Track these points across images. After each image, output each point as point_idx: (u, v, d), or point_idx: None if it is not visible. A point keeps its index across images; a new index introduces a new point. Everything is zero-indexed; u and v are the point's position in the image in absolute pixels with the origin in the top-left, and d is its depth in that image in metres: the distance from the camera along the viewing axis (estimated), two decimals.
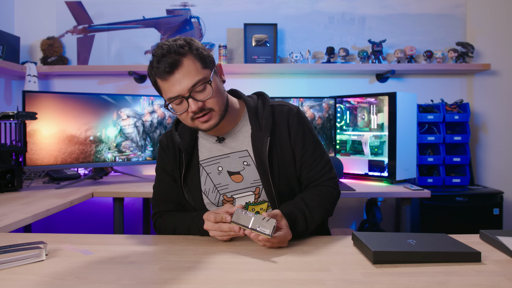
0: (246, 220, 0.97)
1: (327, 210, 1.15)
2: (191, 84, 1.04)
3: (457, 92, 2.73)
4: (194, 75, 1.04)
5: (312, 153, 1.19)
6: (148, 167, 2.69)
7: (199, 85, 1.05)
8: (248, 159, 1.18)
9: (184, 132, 1.22)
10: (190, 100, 1.05)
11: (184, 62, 1.04)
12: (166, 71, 1.03)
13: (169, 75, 1.03)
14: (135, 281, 0.78)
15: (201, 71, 1.06)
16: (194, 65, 1.05)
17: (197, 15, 2.72)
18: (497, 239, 0.97)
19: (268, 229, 0.94)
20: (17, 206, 1.52)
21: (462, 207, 2.33)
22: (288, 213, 1.05)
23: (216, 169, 1.19)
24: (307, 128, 1.21)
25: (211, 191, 1.19)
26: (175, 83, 1.04)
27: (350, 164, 2.42)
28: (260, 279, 0.80)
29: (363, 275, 0.81)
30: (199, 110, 1.06)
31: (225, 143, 1.20)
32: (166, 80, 1.05)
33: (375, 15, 2.73)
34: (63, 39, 2.74)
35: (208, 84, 1.07)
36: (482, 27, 2.72)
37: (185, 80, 1.04)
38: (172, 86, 1.05)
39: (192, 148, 1.21)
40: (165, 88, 1.06)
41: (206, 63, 1.08)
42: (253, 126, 1.18)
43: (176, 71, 1.03)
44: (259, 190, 1.18)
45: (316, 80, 2.75)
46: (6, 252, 0.87)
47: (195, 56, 1.05)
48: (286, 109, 1.21)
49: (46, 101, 1.99)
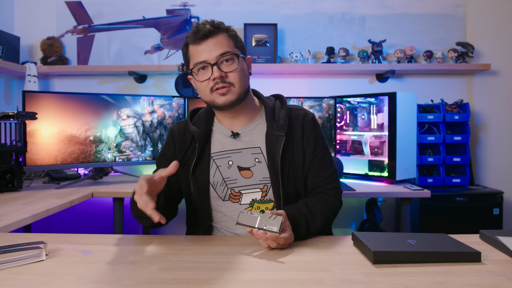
0: (252, 220, 0.97)
1: (328, 218, 1.16)
2: (219, 53, 1.11)
3: (457, 92, 2.73)
4: (224, 47, 1.12)
5: (320, 160, 1.22)
6: (148, 167, 2.69)
7: (227, 55, 1.11)
8: (260, 156, 1.20)
9: (199, 122, 1.24)
10: (214, 67, 1.10)
11: (219, 35, 1.12)
12: (200, 36, 1.10)
13: (202, 41, 1.11)
14: (135, 281, 0.78)
15: (232, 48, 1.14)
16: (227, 41, 1.13)
17: (197, 15, 2.72)
18: (497, 239, 0.97)
19: (276, 226, 0.94)
20: (17, 206, 1.52)
21: (462, 207, 2.33)
22: (291, 216, 1.06)
23: (227, 163, 1.20)
24: (319, 135, 1.25)
25: (219, 184, 1.20)
26: (205, 49, 1.11)
27: (350, 164, 2.42)
28: (260, 279, 0.80)
29: (363, 275, 0.81)
30: (221, 79, 1.11)
31: (239, 139, 1.22)
32: (198, 45, 1.12)
33: (375, 15, 2.73)
34: (63, 39, 2.74)
35: (236, 57, 1.13)
36: (482, 27, 2.72)
37: (215, 48, 1.11)
38: (201, 52, 1.11)
39: (205, 139, 1.22)
40: (194, 53, 1.13)
41: (238, 45, 1.16)
42: (269, 124, 1.20)
43: (209, 39, 1.11)
44: (267, 188, 1.19)
45: (316, 80, 2.75)
46: (6, 252, 0.87)
47: (230, 35, 1.15)
48: (302, 113, 1.25)
49: (46, 101, 1.99)
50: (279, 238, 0.95)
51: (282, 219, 0.95)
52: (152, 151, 2.29)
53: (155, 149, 2.30)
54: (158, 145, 2.30)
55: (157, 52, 2.74)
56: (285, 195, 1.17)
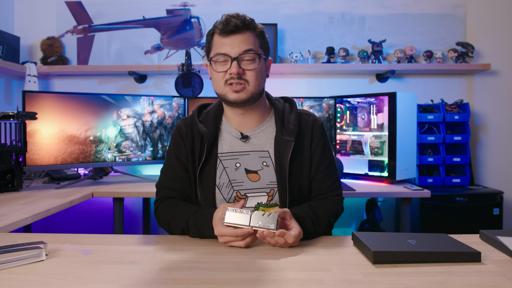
0: (244, 219, 0.94)
1: (330, 222, 1.17)
2: (243, 49, 1.11)
3: (457, 92, 2.73)
4: (249, 44, 1.12)
5: (326, 167, 1.22)
6: (148, 167, 2.69)
7: (250, 53, 1.11)
8: (268, 160, 1.19)
9: (207, 121, 1.21)
10: (234, 62, 1.10)
11: (247, 33, 1.12)
12: (228, 30, 1.11)
13: (230, 34, 1.11)
14: (135, 281, 0.78)
15: (257, 47, 1.14)
16: (253, 39, 1.13)
17: (197, 15, 2.72)
18: (497, 239, 0.97)
19: (273, 223, 0.92)
20: (17, 206, 1.52)
21: (462, 207, 2.32)
22: (297, 214, 1.06)
23: (234, 164, 1.19)
24: (327, 142, 1.25)
25: (225, 186, 1.19)
26: (230, 42, 1.11)
27: (350, 164, 2.42)
28: (260, 279, 0.80)
29: (363, 275, 0.81)
30: (237, 76, 1.11)
31: (247, 141, 1.21)
32: (224, 37, 1.12)
33: (375, 15, 2.73)
34: (63, 39, 2.74)
35: (258, 57, 1.13)
36: (482, 27, 2.72)
37: (240, 44, 1.11)
38: (225, 44, 1.11)
39: (213, 139, 1.20)
40: (218, 44, 1.13)
41: (263, 45, 1.17)
42: (278, 128, 1.20)
43: (237, 34, 1.11)
44: (273, 192, 1.18)
45: (316, 80, 2.75)
46: (6, 252, 0.87)
47: (257, 34, 1.15)
48: (312, 119, 1.25)
49: (46, 101, 1.99)
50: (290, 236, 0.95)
51: (278, 215, 0.94)
52: (152, 151, 2.29)
53: (155, 149, 2.30)
54: (158, 145, 2.30)
55: (157, 52, 2.74)
56: (291, 200, 1.17)
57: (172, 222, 1.13)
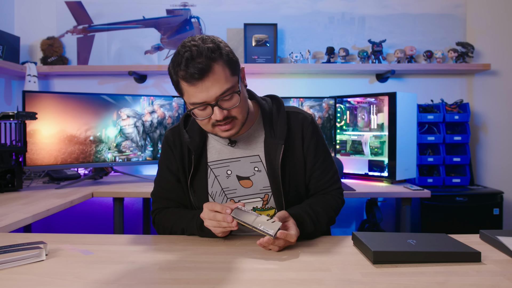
0: (248, 218, 0.96)
1: (330, 217, 1.15)
2: (219, 93, 0.99)
3: (457, 92, 2.73)
4: (223, 83, 0.99)
5: (322, 163, 1.20)
6: (148, 167, 2.69)
7: (227, 94, 1.01)
8: (260, 165, 1.17)
9: (193, 130, 1.17)
10: (215, 108, 1.01)
11: (215, 68, 0.98)
12: (195, 77, 0.96)
13: (198, 81, 0.97)
14: (135, 281, 0.78)
15: (230, 79, 1.01)
16: (224, 73, 0.99)
17: (197, 15, 2.72)
18: (497, 239, 0.97)
19: (273, 230, 0.92)
20: (17, 206, 1.52)
21: (462, 207, 2.32)
22: (295, 214, 1.06)
23: (225, 172, 1.17)
24: (320, 137, 1.21)
25: (218, 195, 1.17)
26: (202, 89, 0.98)
27: (350, 164, 2.42)
28: (260, 279, 0.80)
29: (363, 275, 0.81)
30: (223, 118, 1.03)
31: (237, 147, 1.18)
32: (194, 86, 0.98)
33: (375, 15, 2.73)
34: (63, 39, 2.74)
35: (237, 93, 1.03)
36: (482, 27, 2.72)
37: (214, 87, 0.98)
38: (199, 92, 0.99)
39: (201, 148, 1.17)
40: (191, 93, 1.00)
41: (234, 69, 1.03)
42: (267, 131, 1.16)
43: (205, 77, 0.97)
44: (268, 196, 1.16)
45: (316, 80, 2.75)
46: (6, 252, 0.87)
47: (224, 62, 1.00)
48: (301, 117, 1.20)
49: (46, 101, 1.99)
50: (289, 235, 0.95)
51: (280, 225, 0.95)
52: (152, 151, 2.29)
53: (155, 149, 2.30)
54: (158, 145, 2.30)
55: (157, 52, 2.74)
56: (287, 203, 1.15)
57: (174, 229, 1.14)
